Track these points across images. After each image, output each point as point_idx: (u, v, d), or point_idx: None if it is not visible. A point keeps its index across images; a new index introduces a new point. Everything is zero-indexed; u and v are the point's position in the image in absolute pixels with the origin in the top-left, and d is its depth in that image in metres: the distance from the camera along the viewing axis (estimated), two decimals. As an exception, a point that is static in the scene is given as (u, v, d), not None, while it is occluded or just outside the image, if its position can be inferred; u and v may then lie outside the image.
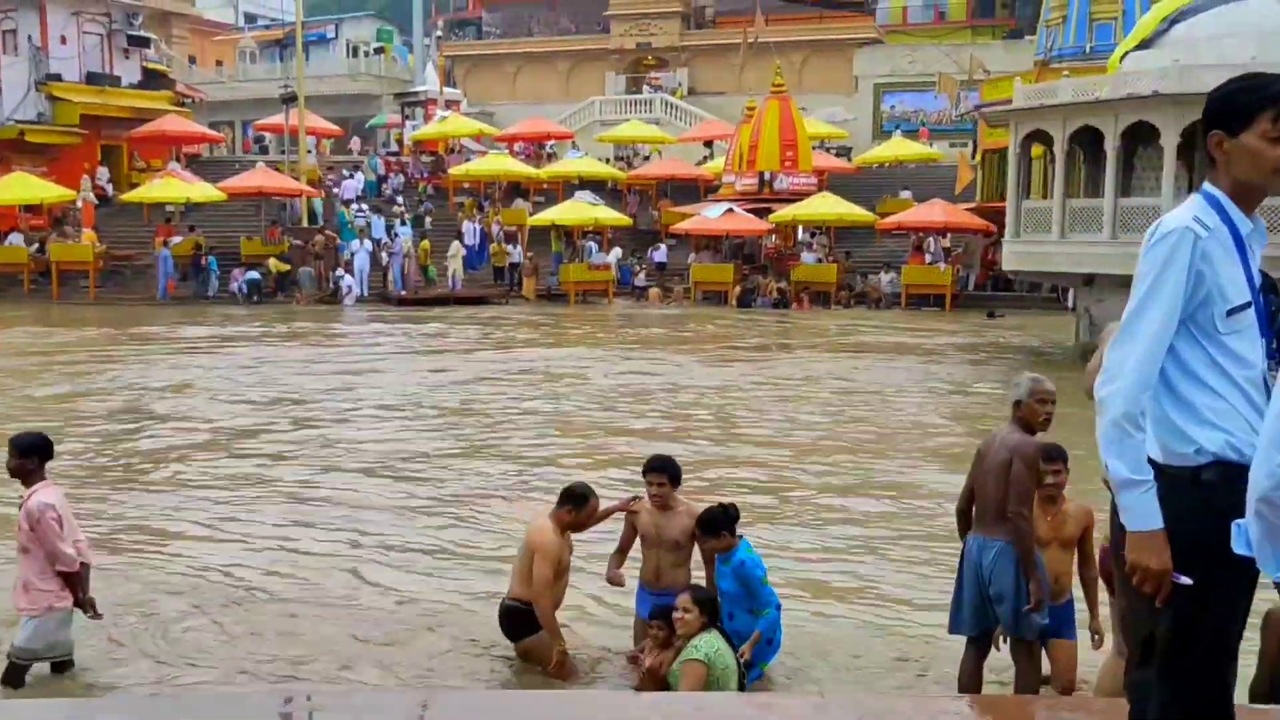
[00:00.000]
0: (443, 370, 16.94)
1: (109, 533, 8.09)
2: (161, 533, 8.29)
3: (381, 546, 7.88)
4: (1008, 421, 4.82)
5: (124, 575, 7.00)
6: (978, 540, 4.78)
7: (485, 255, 30.79)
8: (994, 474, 4.68)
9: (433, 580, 7.15)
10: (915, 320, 25.65)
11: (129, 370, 16.55)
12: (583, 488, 5.59)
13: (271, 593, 6.86)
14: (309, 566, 7.42)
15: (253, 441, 11.61)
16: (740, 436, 12.08)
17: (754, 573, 5.15)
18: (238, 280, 28.41)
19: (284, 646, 5.86)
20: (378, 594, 6.84)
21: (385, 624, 6.23)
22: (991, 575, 4.68)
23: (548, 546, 5.34)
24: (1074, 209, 17.87)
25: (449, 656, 5.74)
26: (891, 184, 35.98)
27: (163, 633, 6.07)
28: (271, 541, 8.06)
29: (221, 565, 7.40)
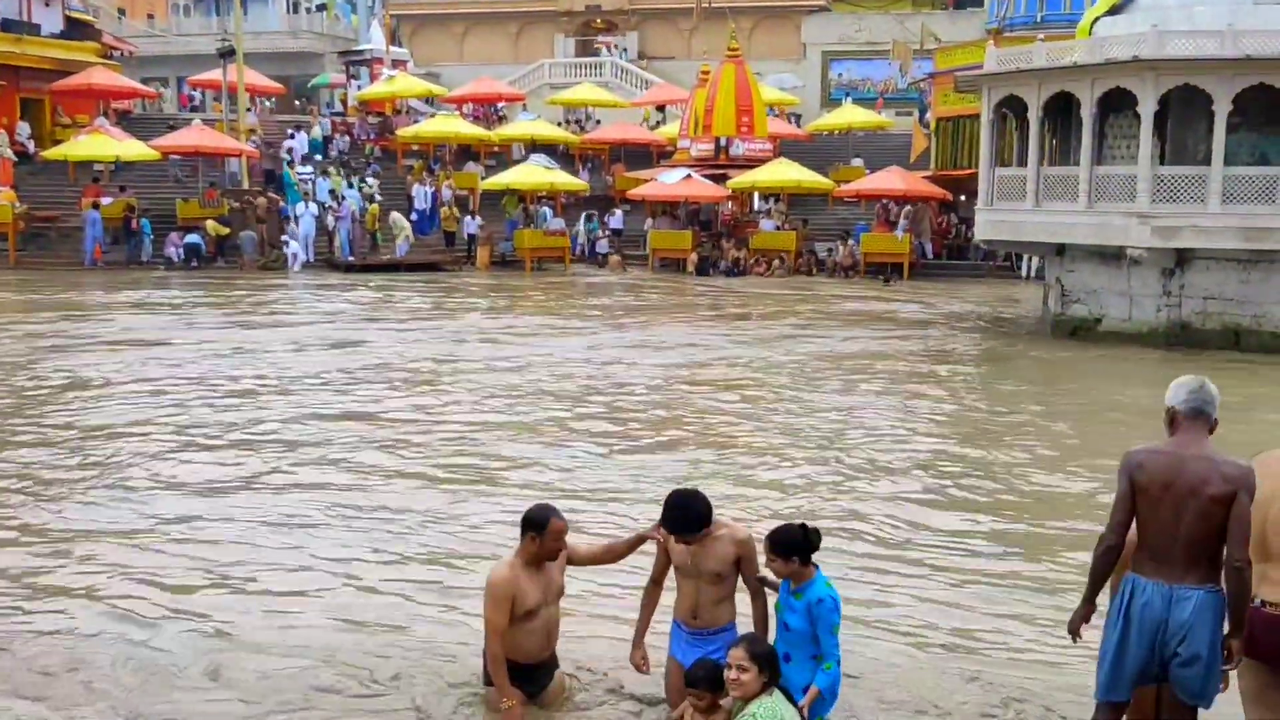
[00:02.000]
0: (452, 358, 15.77)
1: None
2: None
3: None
4: (1185, 434, 3.93)
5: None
6: (1160, 590, 3.91)
7: (436, 220, 29.88)
8: (1194, 508, 3.84)
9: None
10: (877, 289, 25.49)
11: (80, 355, 15.26)
12: (537, 510, 4.68)
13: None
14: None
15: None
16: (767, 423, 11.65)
17: (832, 617, 4.26)
18: (175, 245, 27.15)
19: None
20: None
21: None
22: (1188, 633, 3.86)
23: (491, 585, 4.56)
24: (1049, 177, 17.70)
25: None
26: (842, 152, 35.80)
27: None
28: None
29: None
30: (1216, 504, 3.79)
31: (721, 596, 4.50)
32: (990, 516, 8.05)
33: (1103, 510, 4.62)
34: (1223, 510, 3.79)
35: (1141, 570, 3.95)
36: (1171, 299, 16.34)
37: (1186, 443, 3.91)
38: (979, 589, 6.58)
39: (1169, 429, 3.98)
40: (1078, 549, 6.81)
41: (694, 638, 4.52)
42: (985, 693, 5.07)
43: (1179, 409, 3.95)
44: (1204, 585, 3.87)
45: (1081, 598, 4.12)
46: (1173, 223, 15.89)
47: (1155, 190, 16.03)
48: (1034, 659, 5.59)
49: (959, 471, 9.24)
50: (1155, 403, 4.16)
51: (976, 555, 7.21)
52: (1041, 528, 7.79)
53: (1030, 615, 6.15)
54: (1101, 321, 17.21)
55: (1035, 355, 16.18)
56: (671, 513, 4.38)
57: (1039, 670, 5.40)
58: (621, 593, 5.85)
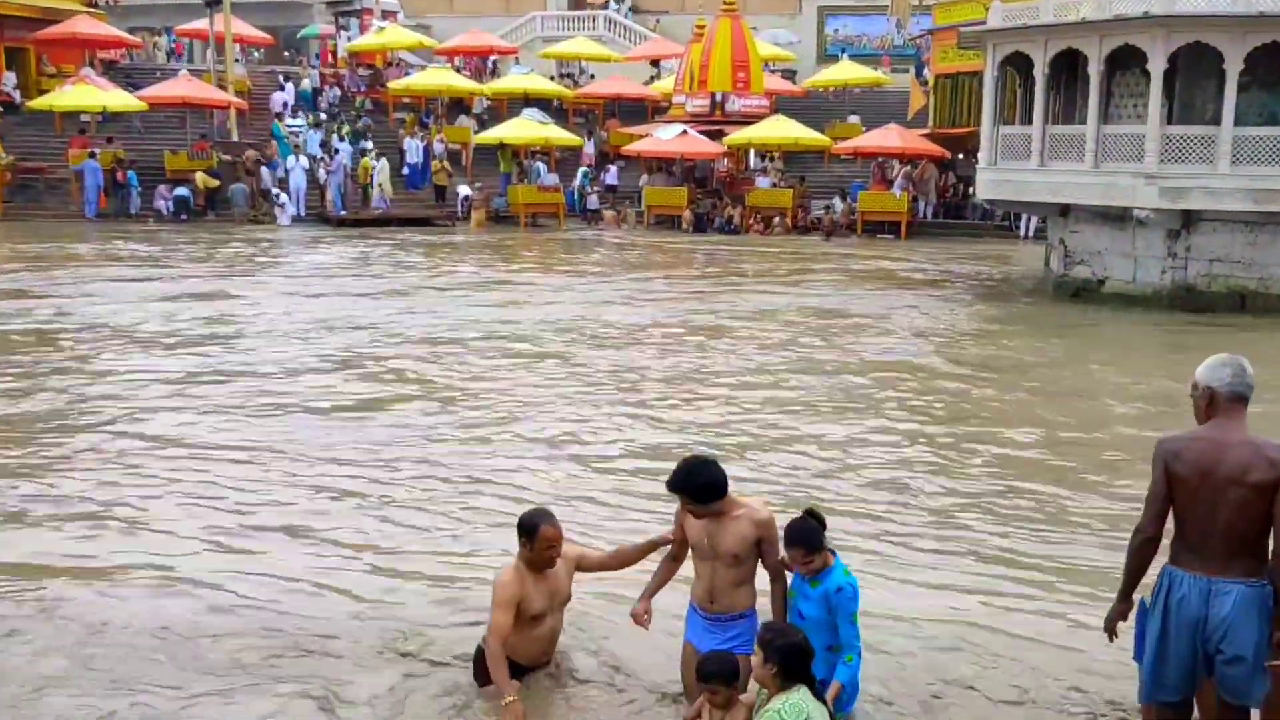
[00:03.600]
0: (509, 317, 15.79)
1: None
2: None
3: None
4: (1224, 419, 3.70)
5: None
6: (1198, 583, 3.71)
7: (428, 174, 29.50)
8: (1235, 497, 3.63)
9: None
10: (878, 248, 25.33)
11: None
12: (529, 517, 4.50)
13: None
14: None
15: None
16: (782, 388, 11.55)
17: (850, 605, 4.12)
18: (164, 198, 26.72)
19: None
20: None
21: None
22: (1228, 629, 3.66)
23: (498, 588, 4.43)
24: (1054, 136, 17.51)
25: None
26: (839, 109, 35.45)
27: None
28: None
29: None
30: (1260, 492, 3.58)
31: (740, 580, 4.29)
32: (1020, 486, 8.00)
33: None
34: (1267, 498, 3.58)
35: (1178, 563, 3.76)
36: (1177, 261, 16.25)
37: (1227, 428, 3.68)
38: (1004, 570, 6.48)
39: (1204, 410, 3.75)
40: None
41: (711, 623, 4.33)
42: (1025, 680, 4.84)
43: (1219, 391, 3.70)
44: (1246, 579, 3.65)
45: (1117, 594, 3.94)
46: (1181, 184, 15.75)
47: (1163, 150, 15.87)
48: (1052, 643, 5.42)
49: (947, 442, 9.18)
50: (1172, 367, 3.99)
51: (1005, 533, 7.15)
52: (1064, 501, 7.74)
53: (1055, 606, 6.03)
54: (1105, 283, 17.13)
55: (1037, 317, 16.09)
56: (678, 475, 4.19)
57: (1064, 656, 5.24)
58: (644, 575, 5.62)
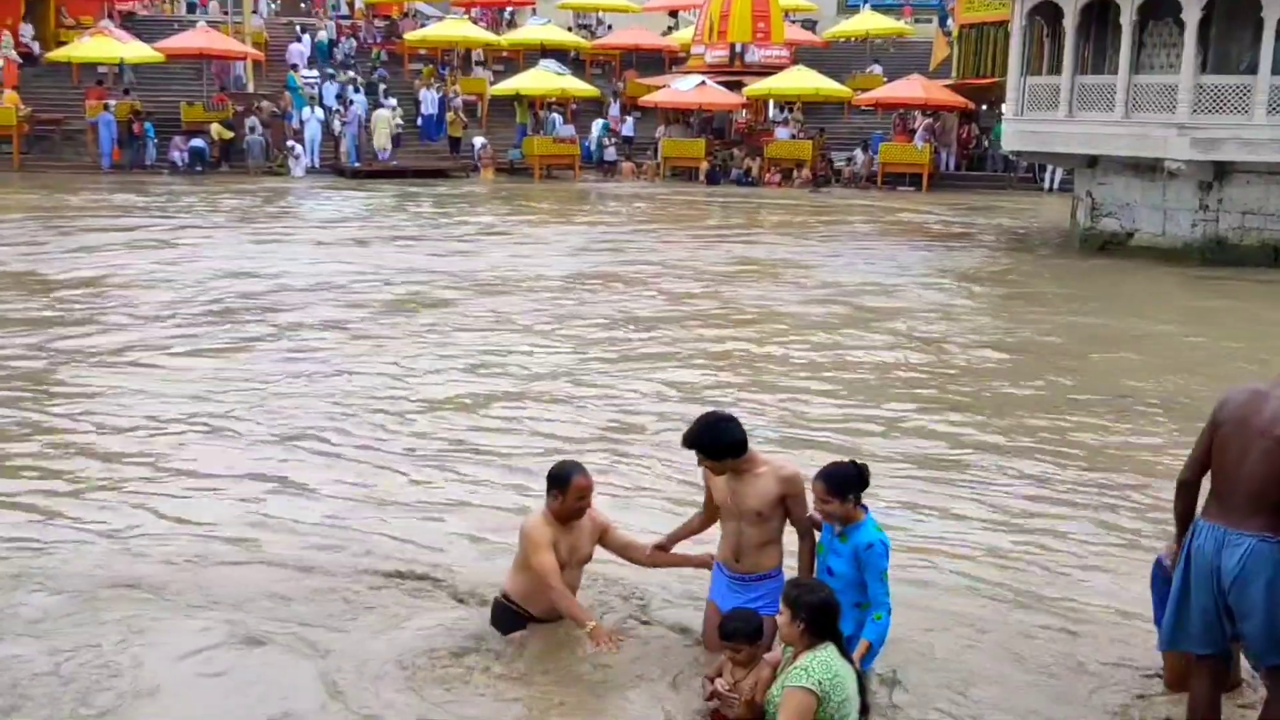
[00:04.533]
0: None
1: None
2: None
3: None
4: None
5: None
6: (1214, 531, 3.64)
7: (443, 126, 29.25)
8: (1260, 449, 3.55)
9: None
10: (898, 200, 25.06)
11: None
12: (561, 467, 4.45)
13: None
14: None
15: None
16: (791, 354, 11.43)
17: (881, 562, 4.01)
18: (179, 149, 26.58)
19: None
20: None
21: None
22: (1235, 581, 3.59)
23: (531, 532, 4.36)
24: (1083, 86, 17.17)
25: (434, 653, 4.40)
26: (860, 59, 34.93)
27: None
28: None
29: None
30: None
31: (765, 539, 4.21)
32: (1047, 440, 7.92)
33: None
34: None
35: (1205, 511, 3.71)
36: (1209, 214, 15.99)
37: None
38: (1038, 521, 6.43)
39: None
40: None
41: (735, 583, 4.26)
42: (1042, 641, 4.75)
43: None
44: (1261, 534, 3.55)
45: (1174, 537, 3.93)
46: (1214, 134, 15.44)
47: (1196, 100, 15.54)
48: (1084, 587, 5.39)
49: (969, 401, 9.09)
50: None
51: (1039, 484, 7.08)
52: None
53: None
54: (1133, 236, 16.89)
55: (1061, 271, 15.89)
56: (692, 431, 4.15)
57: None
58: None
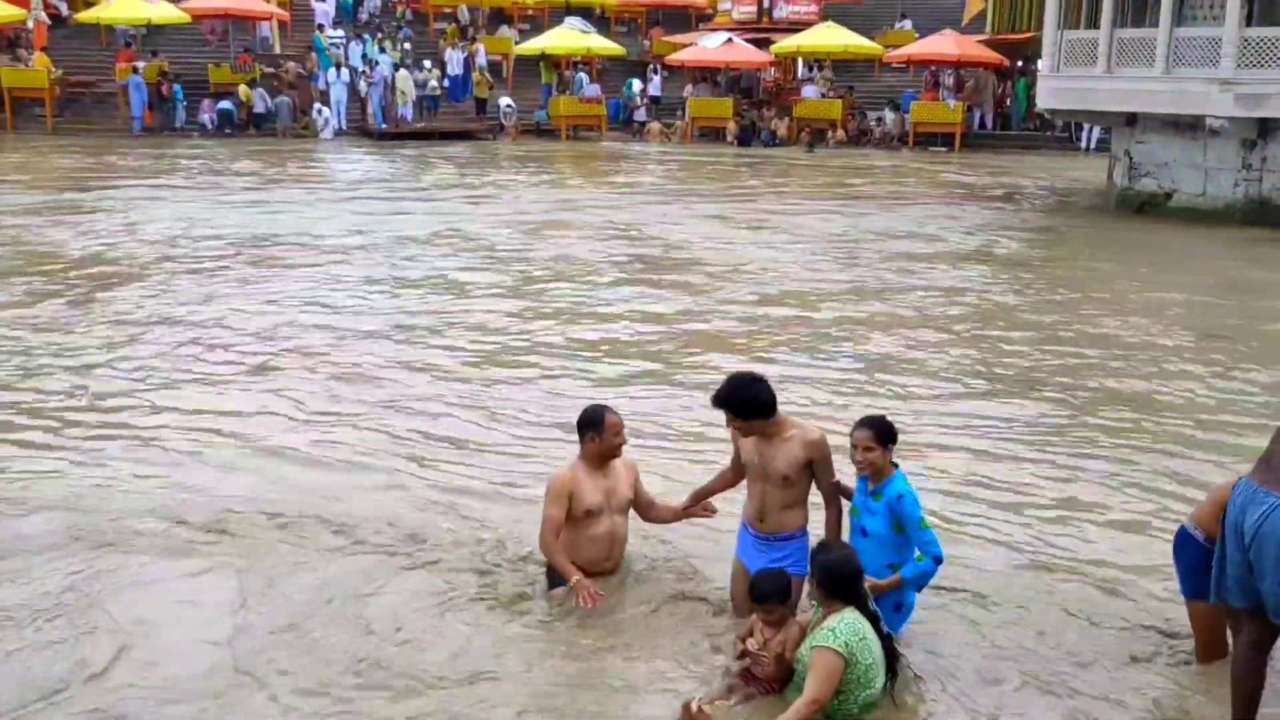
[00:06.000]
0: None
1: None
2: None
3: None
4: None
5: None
6: (1247, 488, 3.61)
7: (469, 86, 29.07)
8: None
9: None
10: (929, 160, 24.74)
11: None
12: (590, 410, 4.59)
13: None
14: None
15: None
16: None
17: (914, 510, 4.00)
18: (208, 112, 26.58)
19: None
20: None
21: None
22: (1254, 538, 3.55)
23: (551, 483, 4.54)
24: (1122, 40, 16.78)
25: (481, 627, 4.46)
26: (889, 14, 34.33)
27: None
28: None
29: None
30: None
31: (790, 501, 4.27)
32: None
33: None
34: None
35: (1252, 471, 3.69)
36: (1251, 173, 15.64)
37: None
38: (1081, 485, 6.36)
39: None
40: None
41: (760, 542, 4.32)
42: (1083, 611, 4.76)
43: None
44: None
45: None
46: (1259, 89, 15.03)
47: (1241, 54, 15.13)
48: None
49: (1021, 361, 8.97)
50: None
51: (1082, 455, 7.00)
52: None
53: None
54: (1172, 197, 16.56)
55: (1099, 234, 15.63)
56: (722, 390, 4.20)
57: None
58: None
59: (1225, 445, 6.66)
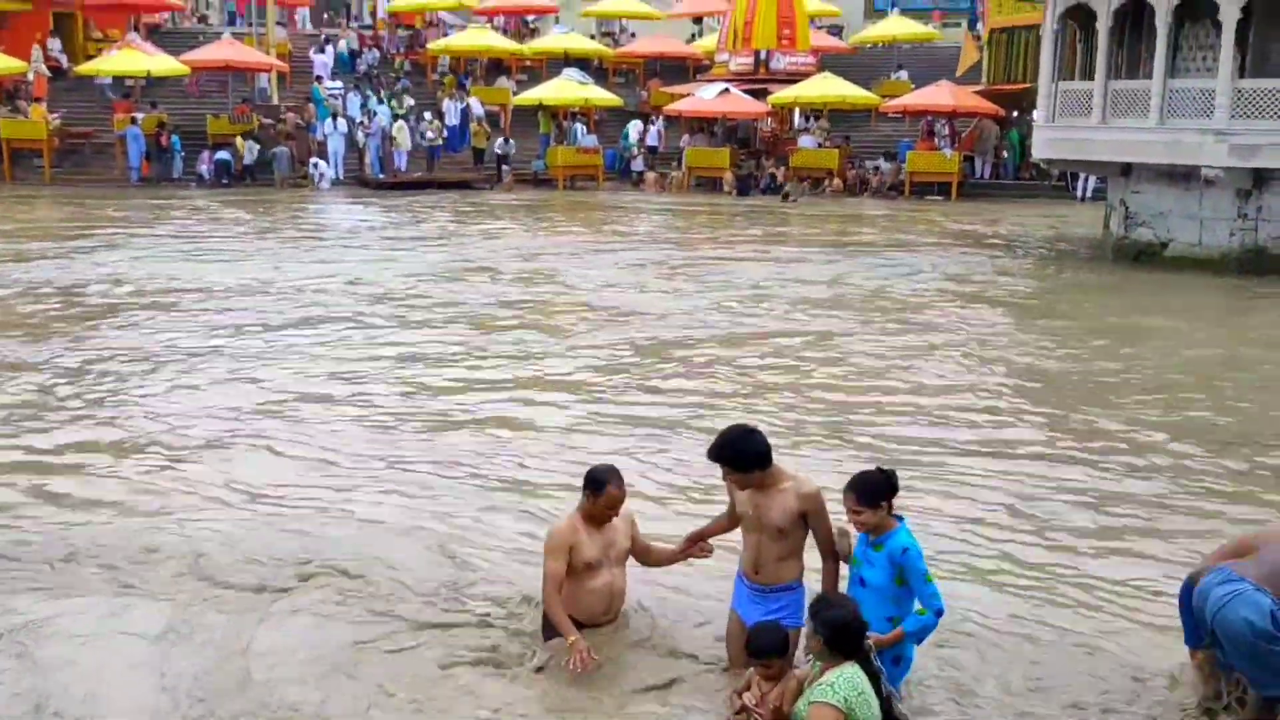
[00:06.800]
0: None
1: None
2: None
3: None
4: None
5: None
6: (1222, 570, 3.77)
7: (467, 136, 29.19)
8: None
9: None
10: (926, 209, 24.70)
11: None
12: (600, 471, 4.50)
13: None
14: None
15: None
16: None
17: (919, 564, 3.94)
18: (206, 162, 26.67)
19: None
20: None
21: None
22: (1215, 622, 3.66)
23: (549, 536, 4.48)
24: (1116, 91, 16.78)
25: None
26: (886, 65, 34.53)
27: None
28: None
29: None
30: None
31: (785, 553, 4.23)
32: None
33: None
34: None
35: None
36: (1247, 223, 15.55)
37: None
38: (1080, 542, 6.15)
39: None
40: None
41: (756, 594, 4.29)
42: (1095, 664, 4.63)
43: None
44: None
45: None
46: (1253, 140, 15.01)
47: (1235, 105, 15.13)
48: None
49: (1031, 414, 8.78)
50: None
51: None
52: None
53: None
54: (1168, 246, 16.46)
55: (1096, 282, 15.51)
56: (717, 443, 4.18)
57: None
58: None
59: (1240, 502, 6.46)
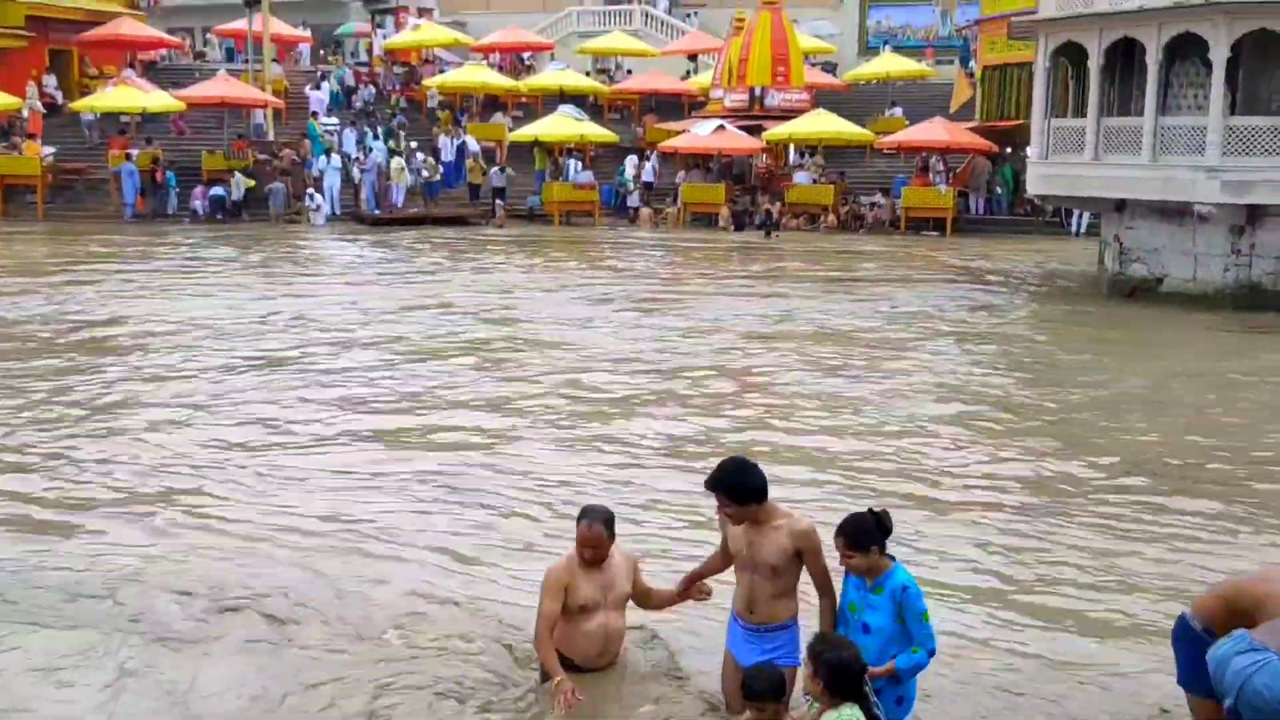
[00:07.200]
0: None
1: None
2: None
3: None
4: None
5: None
6: (1243, 638, 3.52)
7: (463, 173, 29.25)
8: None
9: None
10: (925, 244, 24.70)
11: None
12: (585, 509, 4.45)
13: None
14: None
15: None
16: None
17: (918, 603, 3.88)
18: (200, 198, 26.69)
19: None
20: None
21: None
22: (1241, 691, 3.43)
23: (545, 575, 4.43)
24: (1109, 129, 16.81)
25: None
26: (881, 102, 34.69)
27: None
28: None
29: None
30: None
31: (779, 591, 4.16)
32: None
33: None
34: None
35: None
36: (1241, 258, 15.52)
37: None
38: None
39: None
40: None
41: (750, 633, 4.21)
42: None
43: None
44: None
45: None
46: (1244, 177, 15.02)
47: (1226, 143, 15.15)
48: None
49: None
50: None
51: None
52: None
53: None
54: (1163, 282, 16.42)
55: (1097, 318, 15.42)
56: (716, 473, 4.11)
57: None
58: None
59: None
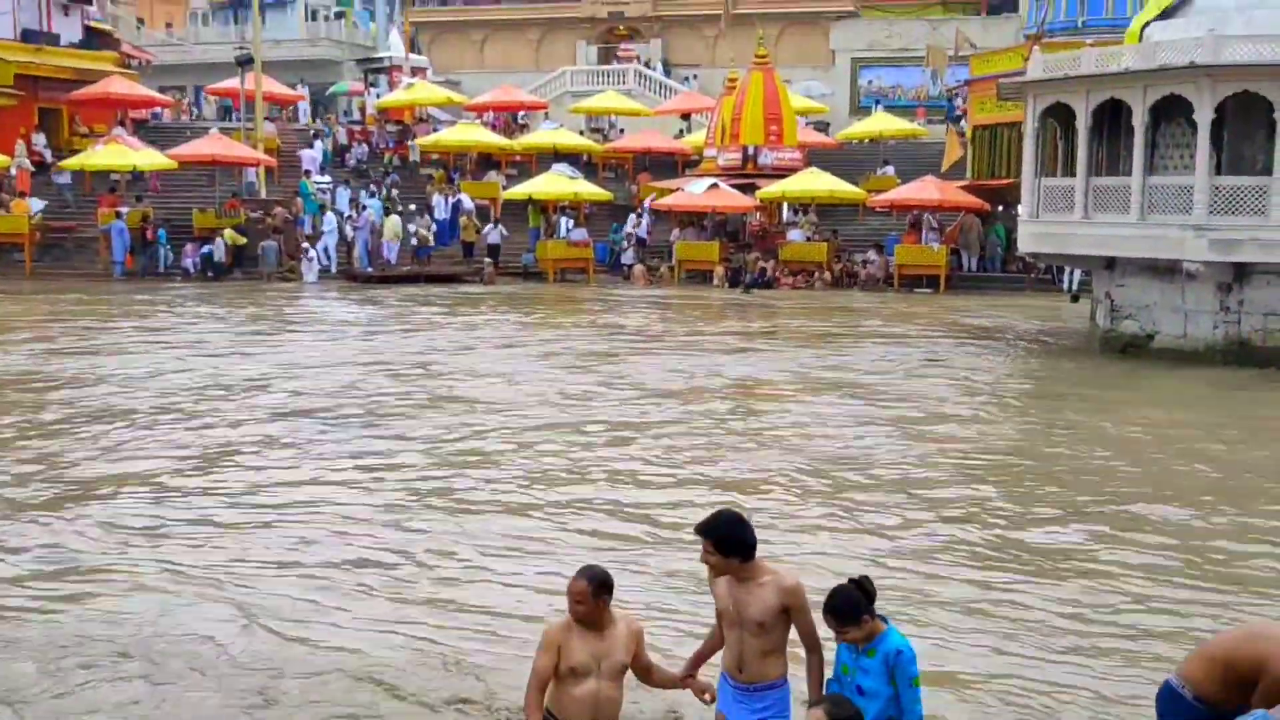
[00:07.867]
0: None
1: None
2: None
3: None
4: None
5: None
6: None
7: (456, 230, 29.30)
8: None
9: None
10: (918, 302, 24.67)
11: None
12: (582, 568, 4.26)
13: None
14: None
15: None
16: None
17: (911, 669, 3.83)
18: (192, 256, 26.67)
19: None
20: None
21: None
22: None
23: (544, 631, 4.23)
24: (1098, 188, 16.83)
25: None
26: (871, 160, 34.93)
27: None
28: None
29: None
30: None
31: (768, 649, 4.09)
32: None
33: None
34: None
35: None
36: (1230, 315, 15.46)
37: None
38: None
39: None
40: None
41: (741, 693, 4.11)
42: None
43: None
44: None
45: None
46: (1231, 235, 15.01)
47: (1213, 202, 15.16)
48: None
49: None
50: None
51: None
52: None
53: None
54: (1154, 338, 16.32)
55: (1089, 376, 15.30)
56: (708, 520, 4.07)
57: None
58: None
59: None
